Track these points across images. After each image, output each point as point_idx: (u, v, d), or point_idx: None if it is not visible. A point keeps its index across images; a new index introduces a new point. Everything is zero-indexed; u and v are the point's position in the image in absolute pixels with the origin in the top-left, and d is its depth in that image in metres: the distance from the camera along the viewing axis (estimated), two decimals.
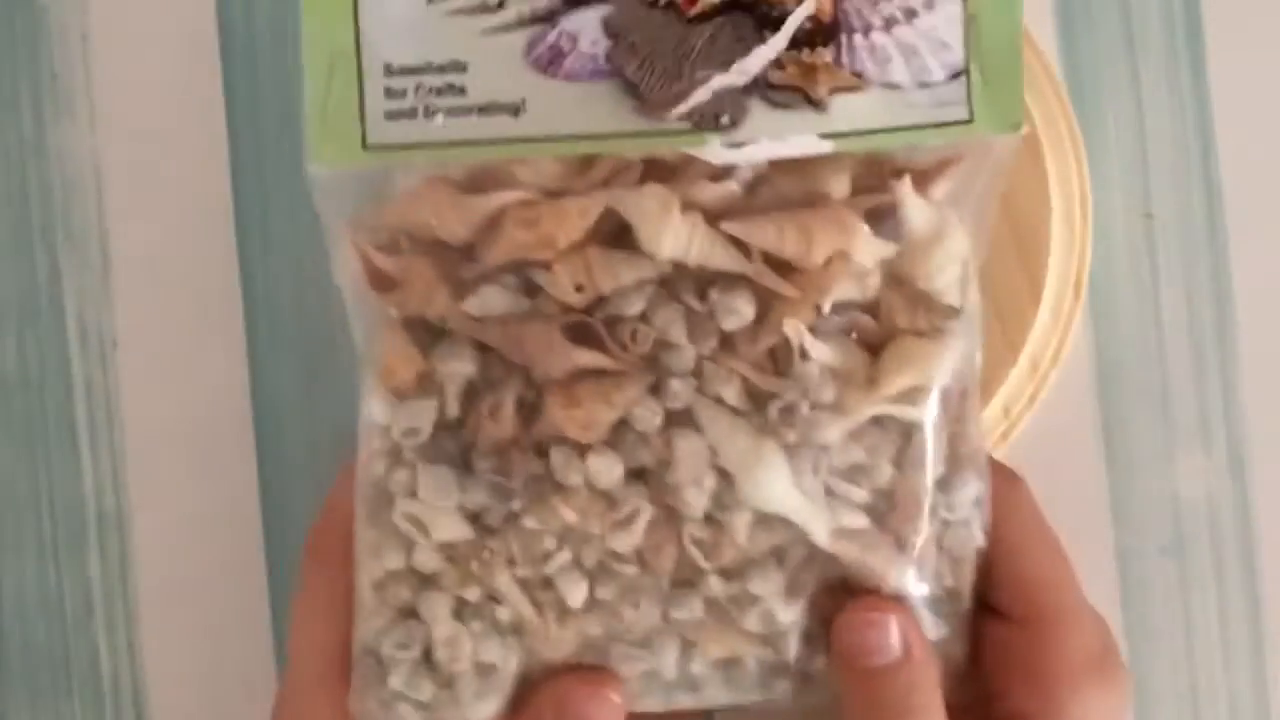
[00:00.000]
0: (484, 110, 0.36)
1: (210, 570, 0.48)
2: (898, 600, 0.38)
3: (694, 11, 0.36)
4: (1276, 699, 0.48)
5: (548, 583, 0.38)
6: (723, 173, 0.37)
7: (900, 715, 0.37)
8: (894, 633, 0.37)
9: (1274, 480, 0.48)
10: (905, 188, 0.37)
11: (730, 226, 0.36)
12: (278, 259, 0.48)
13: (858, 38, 0.37)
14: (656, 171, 0.37)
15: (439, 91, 0.36)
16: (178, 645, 0.48)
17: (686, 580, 0.38)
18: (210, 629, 0.48)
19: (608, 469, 0.37)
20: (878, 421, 0.38)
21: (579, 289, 0.36)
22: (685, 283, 0.37)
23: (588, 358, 0.37)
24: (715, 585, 0.37)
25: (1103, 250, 0.48)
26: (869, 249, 0.37)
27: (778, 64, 0.36)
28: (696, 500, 0.37)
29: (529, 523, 0.37)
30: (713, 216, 0.37)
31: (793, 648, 0.38)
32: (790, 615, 0.38)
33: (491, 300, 0.37)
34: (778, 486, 0.37)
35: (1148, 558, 0.48)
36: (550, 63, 0.36)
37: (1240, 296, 0.48)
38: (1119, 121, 0.48)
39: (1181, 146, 0.48)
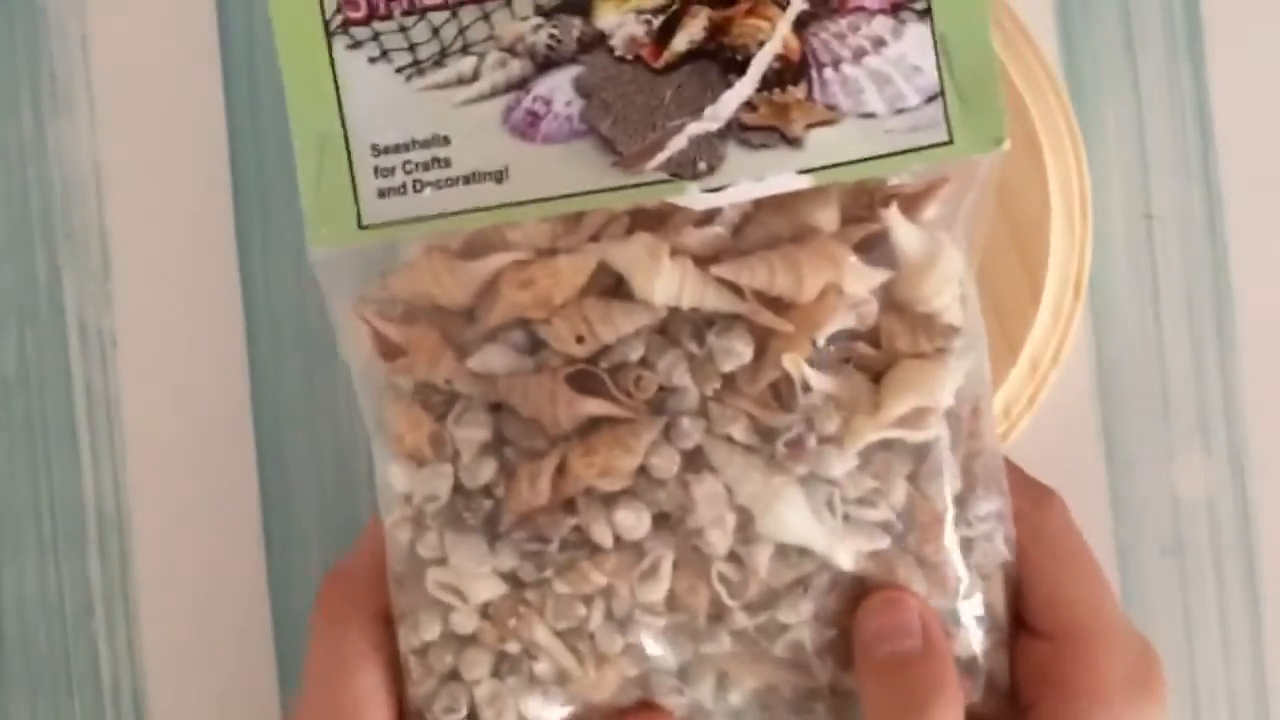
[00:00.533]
0: (469, 180, 0.37)
1: (210, 570, 0.48)
2: (915, 595, 0.38)
3: (660, 63, 0.37)
4: (1276, 698, 0.48)
5: (584, 633, 0.38)
6: (708, 217, 0.37)
7: (920, 711, 0.37)
8: (913, 615, 0.37)
9: (1274, 480, 0.48)
10: (893, 214, 0.37)
11: (721, 269, 0.37)
12: (278, 259, 0.48)
13: (828, 72, 0.37)
14: (644, 221, 0.37)
15: (425, 166, 0.37)
16: (177, 644, 0.48)
17: (716, 615, 0.38)
18: (210, 628, 0.48)
19: (636, 521, 0.37)
20: (888, 445, 0.38)
21: (580, 340, 0.37)
22: (683, 326, 0.37)
23: (594, 406, 0.37)
24: (742, 619, 0.38)
25: (1103, 251, 0.48)
26: (860, 278, 0.37)
27: (750, 106, 0.37)
28: (720, 541, 0.37)
29: (561, 587, 0.38)
30: (702, 260, 0.37)
31: (825, 670, 0.38)
32: (819, 640, 0.38)
33: (494, 359, 0.38)
34: (795, 519, 0.37)
35: (1148, 557, 0.48)
36: (528, 127, 0.37)
37: (1240, 296, 0.48)
38: (1119, 122, 0.48)
39: (1181, 147, 0.48)
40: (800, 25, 0.37)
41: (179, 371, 0.48)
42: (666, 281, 0.37)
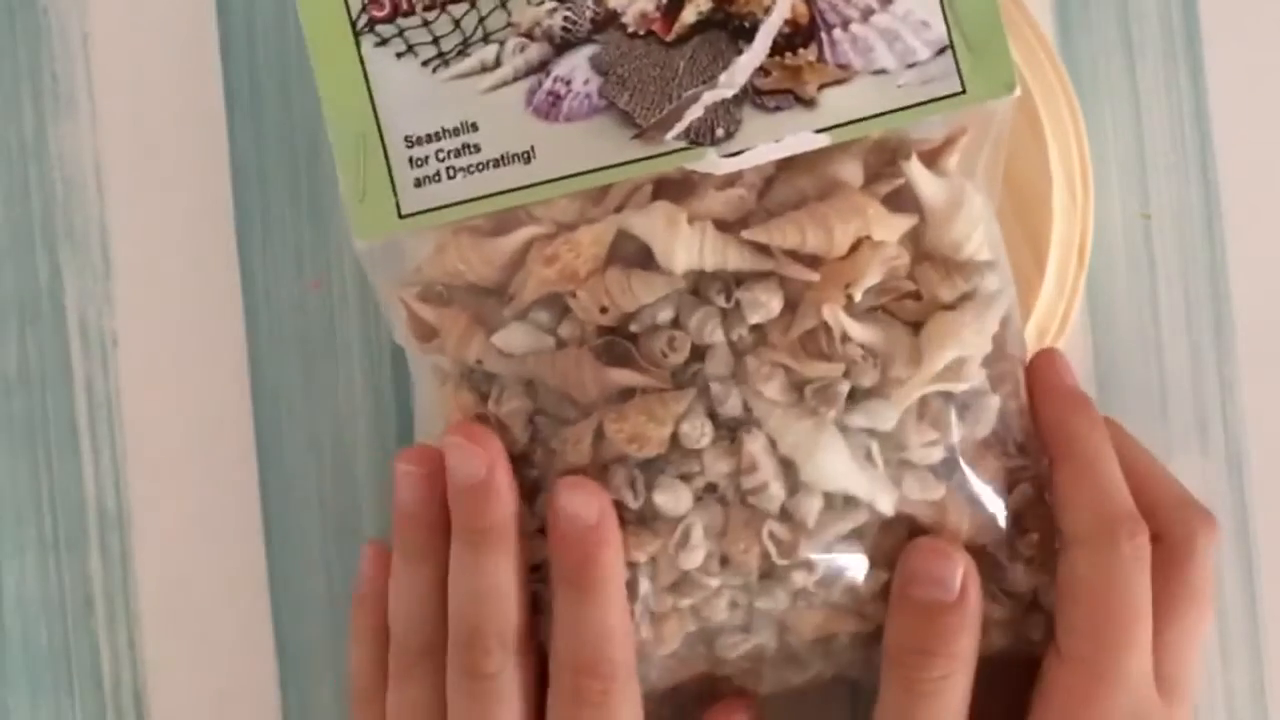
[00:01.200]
0: (499, 163, 0.38)
1: (210, 569, 0.48)
2: (965, 554, 0.39)
3: (672, 36, 0.38)
4: (1274, 698, 0.48)
5: (634, 598, 0.39)
6: (730, 181, 0.38)
7: (938, 656, 0.38)
8: (957, 570, 0.38)
9: (1271, 479, 0.48)
10: (915, 165, 0.38)
11: (752, 233, 0.37)
12: (278, 259, 0.48)
13: (837, 32, 0.38)
14: (668, 191, 0.38)
15: (456, 153, 0.38)
16: (178, 643, 0.48)
17: (769, 572, 0.39)
18: (210, 627, 0.48)
19: (674, 498, 0.38)
20: (932, 396, 0.38)
21: (603, 311, 0.38)
22: (712, 286, 0.38)
23: (621, 376, 0.38)
24: (798, 575, 0.38)
25: (1101, 251, 0.48)
26: (889, 226, 0.38)
27: (763, 71, 0.38)
28: (776, 494, 0.38)
29: None
30: (728, 224, 0.38)
31: (882, 614, 0.39)
32: (875, 585, 0.39)
33: (519, 336, 0.38)
34: (839, 466, 0.38)
35: None
36: (550, 108, 0.38)
37: (1238, 296, 0.48)
38: (1117, 122, 0.48)
39: (1179, 147, 0.48)
40: None
41: (179, 371, 0.48)
42: (686, 246, 0.37)
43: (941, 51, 0.38)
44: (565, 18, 0.38)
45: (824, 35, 0.38)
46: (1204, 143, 0.48)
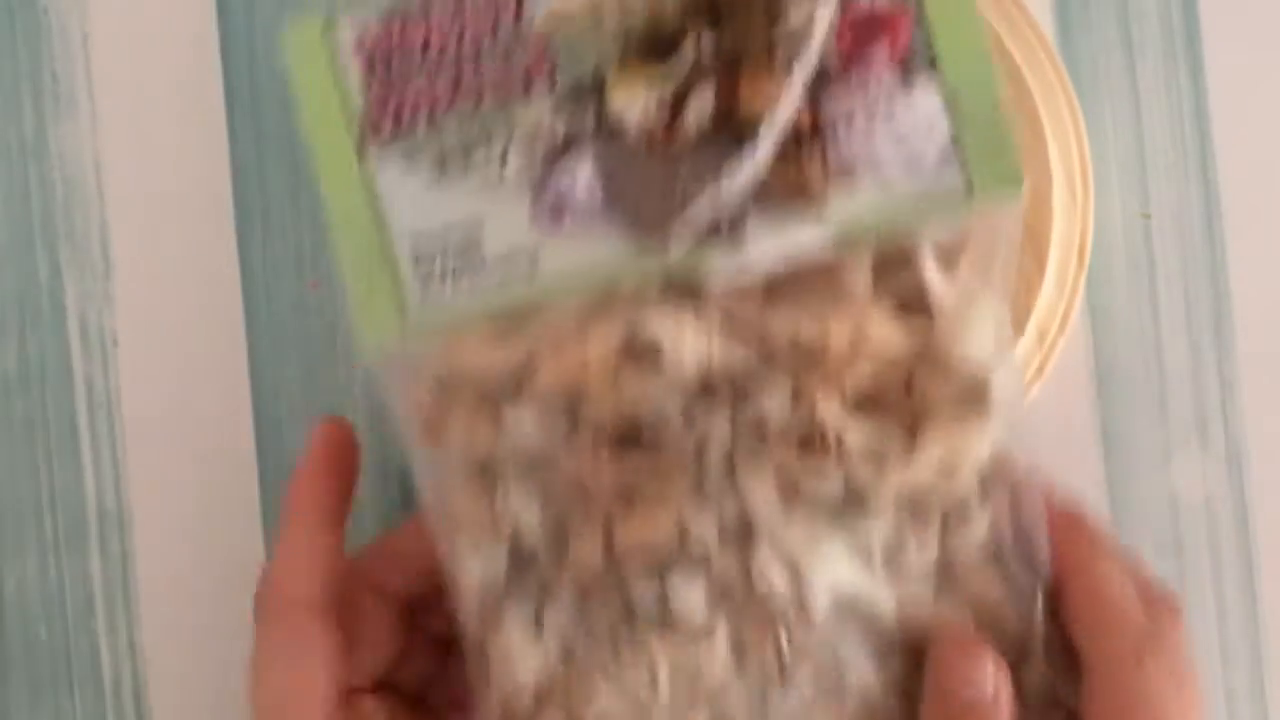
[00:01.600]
0: (503, 267, 0.38)
1: (211, 569, 0.48)
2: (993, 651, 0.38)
3: (674, 139, 0.37)
4: (1274, 698, 0.48)
5: (650, 701, 0.39)
6: (736, 283, 0.38)
7: None
8: (988, 667, 0.38)
9: (1272, 478, 0.48)
10: (927, 266, 0.37)
11: (748, 320, 0.37)
12: (278, 258, 0.49)
13: (842, 134, 0.37)
14: (676, 291, 0.38)
15: (461, 258, 0.38)
16: (178, 643, 0.48)
17: (783, 673, 0.38)
18: (211, 627, 0.48)
19: (690, 598, 0.38)
20: (925, 494, 0.38)
21: (613, 408, 0.37)
22: (720, 383, 0.38)
23: (633, 473, 0.38)
24: (809, 675, 0.38)
25: (1101, 251, 0.48)
26: (890, 329, 0.37)
27: (768, 174, 0.37)
28: (784, 593, 0.37)
29: (620, 660, 0.38)
30: (734, 324, 0.38)
31: (893, 710, 0.39)
32: (886, 686, 0.39)
33: (530, 431, 0.38)
34: (840, 566, 0.38)
35: (1146, 557, 0.48)
36: (555, 211, 0.38)
37: (1238, 296, 0.48)
38: (1117, 122, 0.48)
39: (1179, 147, 0.48)
40: (810, 90, 0.37)
41: (179, 371, 0.48)
42: (693, 345, 0.37)
43: (947, 153, 0.37)
44: (568, 121, 0.38)
45: (829, 138, 0.37)
46: (1204, 143, 0.48)
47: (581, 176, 0.38)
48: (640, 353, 0.38)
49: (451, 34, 0.38)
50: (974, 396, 0.38)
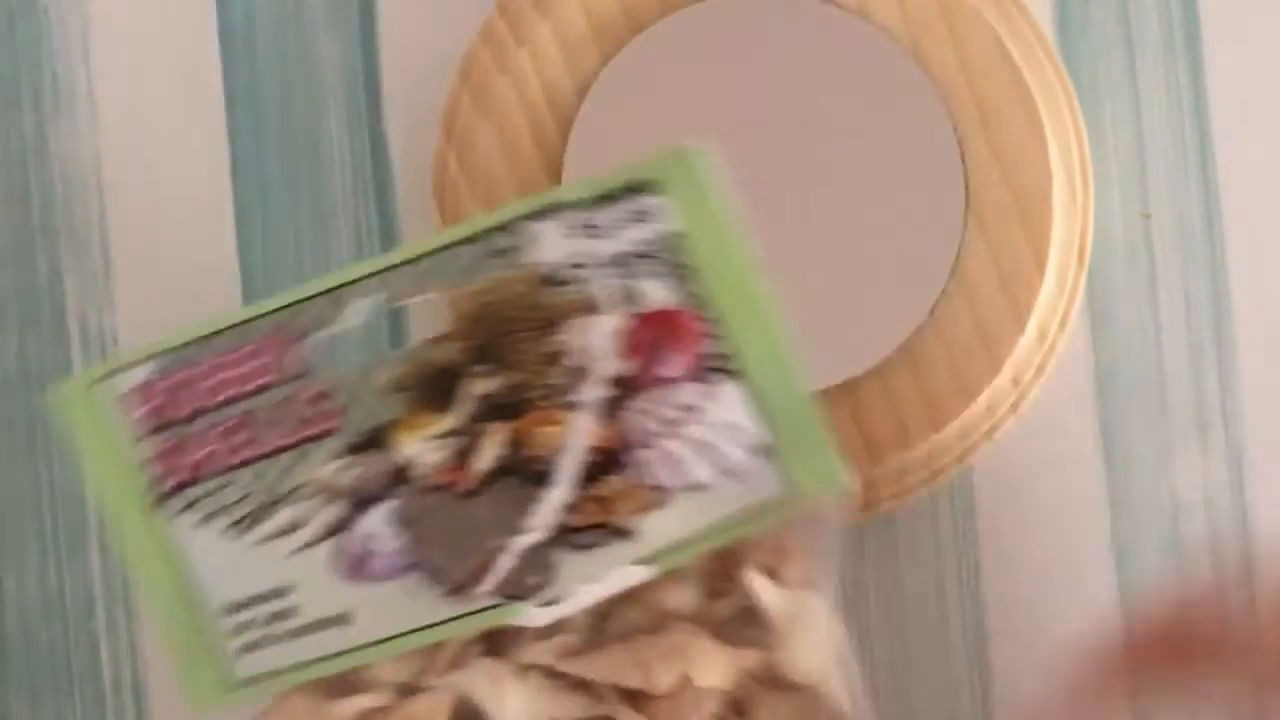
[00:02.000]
0: (317, 628, 0.37)
1: None
2: None
3: (468, 486, 0.36)
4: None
5: None
6: (554, 629, 0.36)
7: None
8: None
9: (1272, 478, 0.48)
10: (753, 578, 0.36)
11: (568, 667, 0.36)
12: (278, 259, 0.49)
13: (644, 452, 0.35)
14: (500, 641, 0.37)
15: (275, 618, 0.37)
16: None
17: None
18: None
19: None
20: None
21: None
22: None
23: None
24: None
25: (1101, 251, 0.48)
26: (714, 663, 0.36)
27: (571, 507, 0.35)
28: None
29: None
30: (555, 671, 0.36)
31: None
32: None
33: None
34: None
35: (1146, 557, 0.48)
36: (360, 567, 0.36)
37: (1238, 296, 0.48)
38: (1116, 122, 0.48)
39: (1179, 147, 0.48)
40: (605, 412, 0.35)
41: None
42: (515, 704, 0.36)
43: (759, 455, 0.35)
44: (357, 475, 0.36)
45: (631, 457, 0.35)
46: (1204, 142, 0.48)
47: (382, 527, 0.36)
48: (468, 713, 0.36)
49: (234, 384, 0.37)
50: (812, 713, 0.36)
